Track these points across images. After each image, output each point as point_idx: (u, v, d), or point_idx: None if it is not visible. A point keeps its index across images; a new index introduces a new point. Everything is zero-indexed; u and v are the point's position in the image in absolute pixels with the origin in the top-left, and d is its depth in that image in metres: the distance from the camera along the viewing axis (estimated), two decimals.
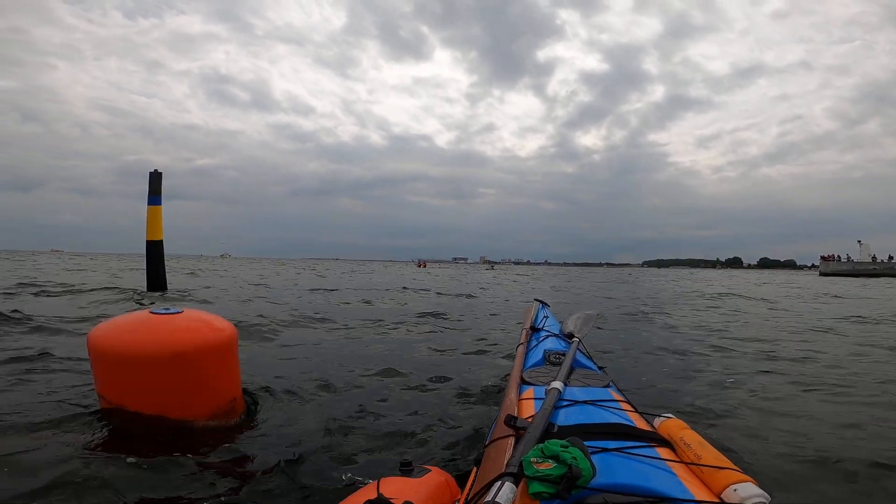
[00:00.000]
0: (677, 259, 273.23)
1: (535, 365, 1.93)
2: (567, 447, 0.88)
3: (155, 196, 8.69)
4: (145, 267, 8.83)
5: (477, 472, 1.11)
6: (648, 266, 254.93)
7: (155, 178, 8.68)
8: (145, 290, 8.63)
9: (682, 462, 1.06)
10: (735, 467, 0.99)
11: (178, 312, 2.02)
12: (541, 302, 3.11)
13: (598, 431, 1.15)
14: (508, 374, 1.99)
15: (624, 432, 1.16)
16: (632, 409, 1.40)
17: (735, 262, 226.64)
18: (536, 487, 0.83)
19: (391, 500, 1.07)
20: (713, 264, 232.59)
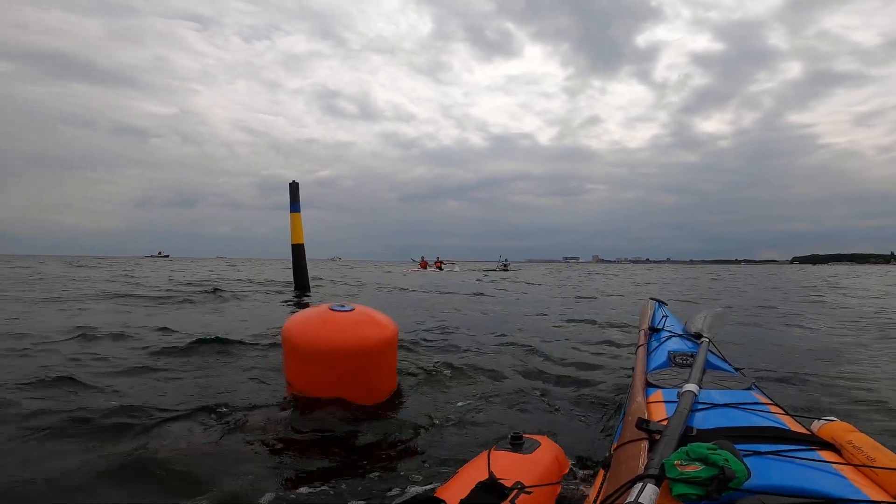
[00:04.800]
0: (838, 254, 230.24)
1: (659, 367, 1.83)
2: (715, 450, 0.84)
3: (295, 204, 9.96)
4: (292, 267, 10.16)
5: (606, 475, 1.07)
6: (800, 262, 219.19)
7: (294, 189, 9.95)
8: (293, 287, 9.98)
9: (850, 465, 0.97)
10: None
11: (352, 310, 2.25)
12: (657, 300, 2.90)
13: (746, 435, 1.07)
14: (630, 376, 1.88)
15: (778, 436, 1.07)
16: (783, 412, 1.28)
17: None
18: (682, 489, 0.80)
19: (502, 482, 1.08)
20: (887, 259, 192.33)
